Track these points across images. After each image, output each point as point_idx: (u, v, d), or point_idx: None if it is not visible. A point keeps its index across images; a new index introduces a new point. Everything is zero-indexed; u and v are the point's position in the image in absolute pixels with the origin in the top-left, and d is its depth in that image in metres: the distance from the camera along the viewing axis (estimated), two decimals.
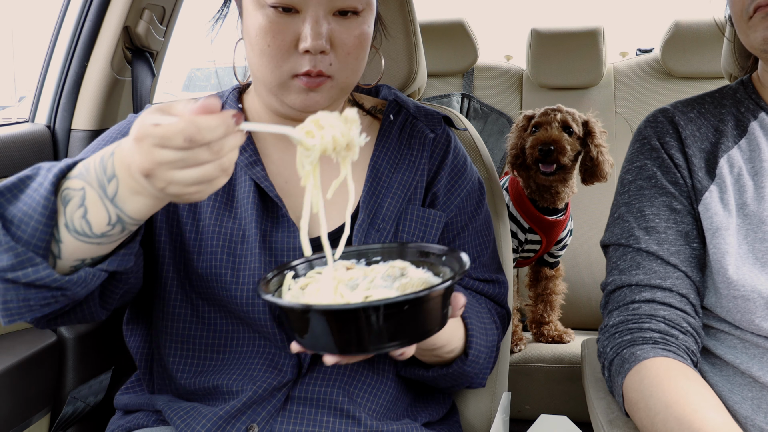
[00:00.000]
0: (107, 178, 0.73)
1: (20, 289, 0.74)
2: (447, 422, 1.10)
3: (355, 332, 0.72)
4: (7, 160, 1.29)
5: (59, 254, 0.76)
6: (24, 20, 3.28)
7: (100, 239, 0.76)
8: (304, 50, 0.88)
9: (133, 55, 1.48)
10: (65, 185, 0.76)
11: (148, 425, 0.99)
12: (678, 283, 0.97)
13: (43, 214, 0.74)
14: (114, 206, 0.73)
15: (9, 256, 0.73)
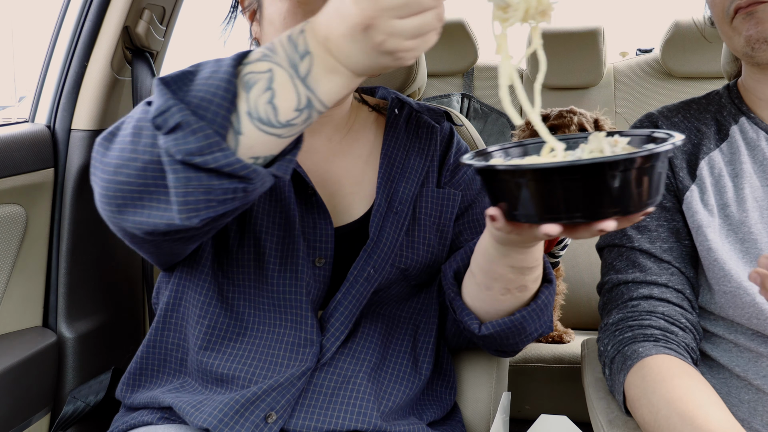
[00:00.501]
0: (299, 56, 0.68)
1: (203, 177, 0.68)
2: (450, 421, 1.11)
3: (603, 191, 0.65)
4: (7, 160, 1.29)
5: (236, 149, 0.70)
6: (24, 20, 3.28)
7: (281, 129, 0.70)
8: None
9: (133, 55, 1.48)
10: (246, 70, 0.70)
11: (153, 423, 0.99)
12: (673, 279, 0.98)
13: (225, 97, 0.68)
14: (305, 87, 0.69)
15: (197, 138, 0.67)
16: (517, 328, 0.97)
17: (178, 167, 0.68)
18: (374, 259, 1.00)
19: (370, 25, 0.64)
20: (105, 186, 0.75)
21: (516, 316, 0.96)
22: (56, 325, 1.43)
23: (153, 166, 0.71)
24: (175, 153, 0.67)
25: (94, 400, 1.42)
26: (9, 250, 1.33)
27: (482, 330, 0.98)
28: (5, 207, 1.30)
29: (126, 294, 1.59)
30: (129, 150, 0.72)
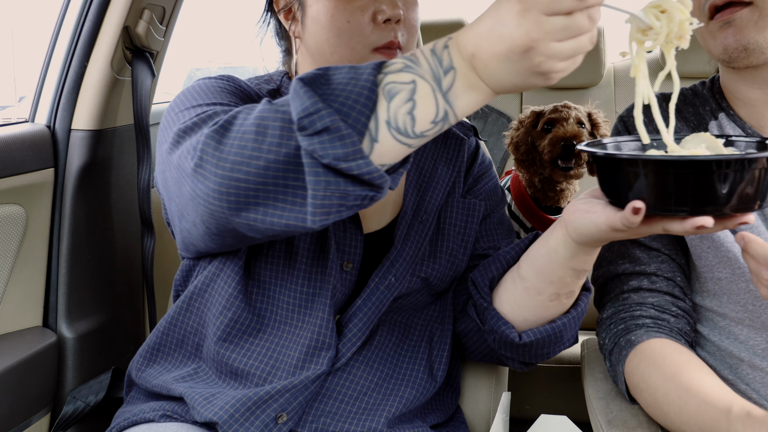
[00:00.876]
0: (443, 70, 0.70)
1: (341, 183, 0.69)
2: (453, 422, 1.12)
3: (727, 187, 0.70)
4: (7, 160, 1.29)
5: (369, 155, 0.72)
6: (24, 20, 3.28)
7: (413, 140, 0.72)
8: (385, 20, 0.93)
9: (133, 55, 1.48)
10: (388, 79, 0.71)
11: (155, 420, 0.99)
12: (663, 267, 1.00)
13: (366, 105, 0.69)
14: (445, 101, 0.71)
15: (344, 144, 0.68)
16: (557, 336, 0.98)
17: (320, 170, 0.69)
18: (396, 268, 1.01)
19: (531, 48, 0.65)
20: (221, 182, 0.74)
21: (557, 323, 0.97)
22: (56, 325, 1.43)
23: (276, 165, 0.71)
24: (323, 156, 0.68)
25: (94, 400, 1.42)
26: (9, 250, 1.33)
27: (523, 338, 0.98)
28: (5, 207, 1.30)
29: (126, 294, 1.59)
30: (251, 147, 0.72)
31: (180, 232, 0.93)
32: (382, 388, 1.00)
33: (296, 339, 0.97)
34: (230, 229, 0.80)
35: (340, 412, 0.96)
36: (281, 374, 0.95)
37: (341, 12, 0.93)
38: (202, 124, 0.82)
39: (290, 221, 0.74)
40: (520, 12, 0.65)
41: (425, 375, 1.05)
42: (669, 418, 0.88)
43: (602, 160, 0.78)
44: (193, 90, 0.94)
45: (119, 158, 1.52)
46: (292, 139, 0.71)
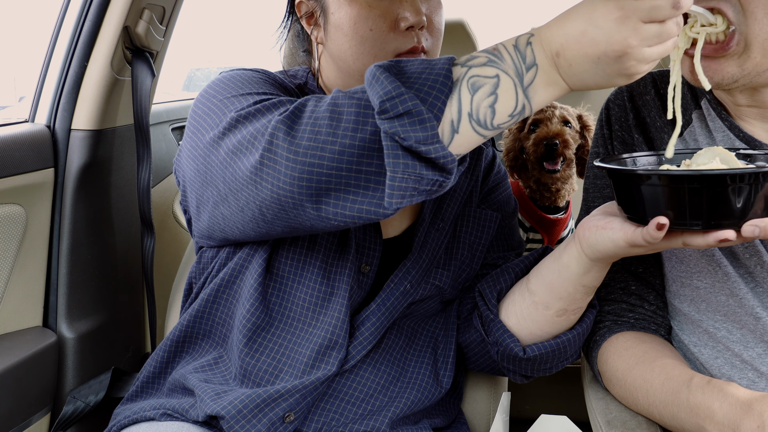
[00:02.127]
0: (526, 67, 0.73)
1: (418, 166, 0.71)
2: (455, 424, 1.12)
3: None
4: (7, 160, 1.29)
5: (448, 145, 0.74)
6: (24, 20, 3.27)
7: (489, 131, 0.75)
8: (407, 27, 0.93)
9: (133, 55, 1.48)
10: (472, 72, 0.75)
11: (155, 418, 0.99)
12: (617, 276, 1.01)
13: (442, 91, 0.72)
14: (525, 96, 0.74)
15: (424, 128, 0.70)
16: (561, 351, 0.99)
17: (399, 153, 0.71)
18: (412, 274, 1.01)
19: (626, 53, 0.68)
20: (293, 168, 0.75)
21: (562, 338, 0.98)
22: (56, 325, 1.43)
23: (352, 150, 0.73)
24: (405, 139, 0.70)
25: (94, 400, 1.42)
26: (9, 250, 1.33)
27: (527, 352, 0.99)
28: (5, 207, 1.30)
29: (126, 294, 1.59)
30: (325, 133, 0.74)
31: (211, 218, 0.92)
32: (388, 391, 1.00)
33: (309, 337, 0.96)
34: (287, 218, 0.81)
35: (345, 413, 0.96)
36: (292, 372, 0.95)
37: (364, 20, 0.93)
38: (266, 112, 0.82)
39: (364, 207, 0.75)
40: (619, 19, 0.67)
41: (431, 380, 1.05)
42: (639, 403, 0.91)
43: (620, 176, 0.78)
44: (234, 79, 0.94)
45: (119, 158, 1.52)
46: (368, 125, 0.73)
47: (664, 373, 0.88)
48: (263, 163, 0.78)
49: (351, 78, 0.99)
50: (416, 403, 1.02)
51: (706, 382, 0.81)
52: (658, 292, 1.01)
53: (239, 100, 0.87)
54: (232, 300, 1.01)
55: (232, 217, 0.88)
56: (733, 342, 0.91)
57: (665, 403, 0.86)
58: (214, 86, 0.94)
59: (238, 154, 0.82)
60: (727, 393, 0.78)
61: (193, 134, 0.91)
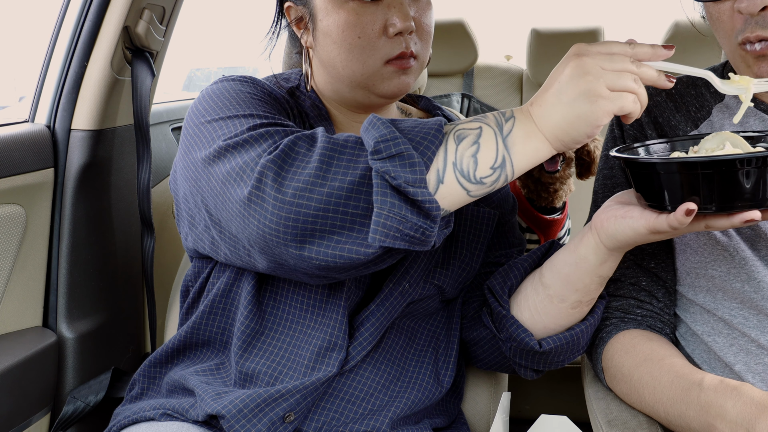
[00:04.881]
0: (505, 119, 0.78)
1: (404, 208, 0.74)
2: (455, 424, 1.12)
3: None
4: (7, 160, 1.29)
5: (433, 193, 0.77)
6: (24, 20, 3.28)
7: (473, 185, 0.77)
8: (396, 33, 0.92)
9: (133, 55, 1.48)
10: (459, 127, 0.79)
11: (155, 418, 0.99)
12: (627, 272, 1.02)
13: (434, 142, 0.75)
14: (504, 146, 0.77)
15: (413, 171, 0.73)
16: (575, 343, 0.99)
17: (388, 191, 0.74)
18: (411, 274, 1.00)
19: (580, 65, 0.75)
20: (287, 210, 0.76)
21: (576, 330, 0.98)
22: (56, 325, 1.43)
23: (340, 193, 0.75)
24: (394, 177, 0.73)
25: (94, 400, 1.42)
26: (9, 250, 1.33)
27: (543, 346, 0.99)
28: (5, 207, 1.30)
29: (126, 294, 1.59)
30: (314, 176, 0.76)
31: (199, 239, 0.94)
32: (388, 390, 1.00)
33: (308, 339, 0.96)
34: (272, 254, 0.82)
35: (346, 412, 0.96)
36: (292, 374, 0.95)
37: (352, 27, 0.92)
38: (254, 144, 0.83)
39: (347, 246, 0.76)
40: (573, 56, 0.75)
41: (431, 379, 1.05)
42: (644, 400, 0.91)
43: (640, 166, 0.79)
44: (223, 95, 0.94)
45: (119, 158, 1.52)
46: (359, 165, 0.76)
47: (673, 371, 0.88)
48: (251, 200, 0.79)
49: (341, 83, 0.99)
50: (416, 402, 1.02)
51: (718, 382, 0.81)
52: (668, 289, 1.02)
53: (227, 125, 0.87)
54: (230, 308, 1.01)
55: (221, 243, 0.90)
56: (749, 328, 0.91)
57: (673, 400, 0.86)
58: (203, 102, 0.94)
59: (227, 185, 0.83)
60: (742, 392, 0.78)
61: (185, 154, 0.92)
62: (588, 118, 0.74)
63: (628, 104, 0.74)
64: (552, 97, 0.75)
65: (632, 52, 0.75)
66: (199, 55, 6.23)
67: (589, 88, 0.73)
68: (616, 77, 0.73)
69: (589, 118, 0.74)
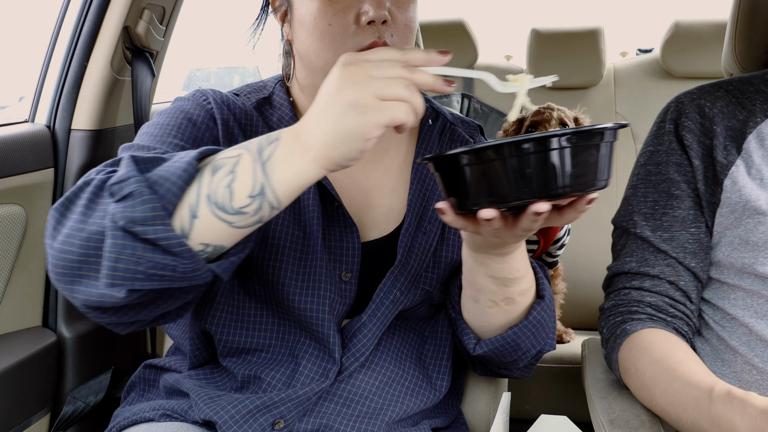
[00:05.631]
0: (268, 142, 0.72)
1: (138, 248, 0.69)
2: (454, 424, 1.11)
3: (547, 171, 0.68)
4: (7, 160, 1.29)
5: (189, 233, 0.71)
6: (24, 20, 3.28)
7: (233, 216, 0.72)
8: (368, 21, 0.88)
9: (133, 55, 1.48)
10: (219, 156, 0.73)
11: (155, 419, 0.99)
12: (667, 270, 1.02)
13: (181, 176, 0.71)
14: (263, 172, 0.71)
15: (144, 209, 0.69)
16: (512, 346, 0.97)
17: (117, 233, 0.69)
18: (401, 281, 0.99)
19: (345, 76, 0.69)
20: (55, 256, 0.73)
21: (508, 332, 0.96)
22: (56, 325, 1.43)
23: (97, 236, 0.70)
24: (119, 219, 0.68)
25: (94, 401, 1.42)
26: (9, 250, 1.33)
27: (476, 350, 0.98)
28: (5, 207, 1.30)
29: None
30: (79, 220, 0.72)
31: None
32: (384, 393, 0.99)
33: (302, 347, 0.96)
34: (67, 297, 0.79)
35: (340, 417, 0.96)
36: (287, 380, 0.94)
37: (323, 15, 0.89)
38: (78, 191, 0.78)
39: (99, 290, 0.72)
40: (340, 66, 0.70)
41: (425, 384, 1.04)
42: (655, 399, 0.92)
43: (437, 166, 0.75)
44: (154, 122, 0.93)
45: None
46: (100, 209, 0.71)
47: (686, 376, 0.88)
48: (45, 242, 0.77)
49: (317, 75, 0.94)
50: (412, 407, 1.01)
51: (725, 393, 0.81)
52: (699, 291, 1.03)
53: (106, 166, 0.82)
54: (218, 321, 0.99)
55: None
56: None
57: (684, 407, 0.87)
58: (144, 126, 0.94)
59: None
60: (749, 404, 0.79)
61: None
62: (356, 132, 0.67)
63: (400, 114, 0.68)
64: (319, 113, 0.69)
65: (404, 58, 0.70)
66: (199, 55, 6.23)
67: (356, 99, 0.67)
68: (385, 85, 0.67)
69: (357, 132, 0.67)
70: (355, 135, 0.68)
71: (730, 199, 0.99)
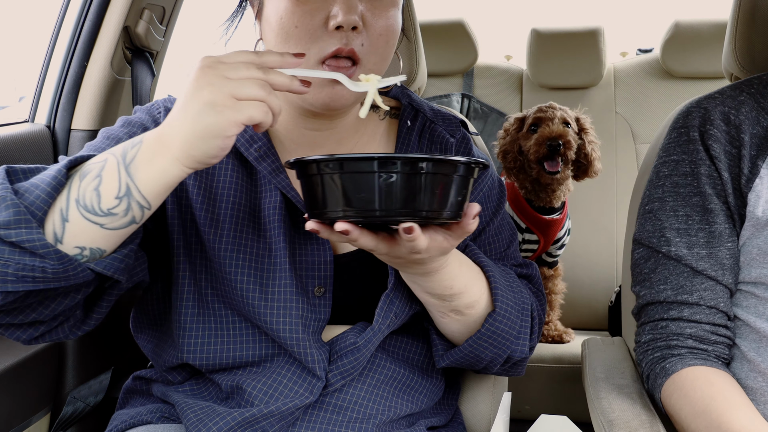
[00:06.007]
0: (132, 145, 0.75)
1: (4, 250, 0.72)
2: (452, 423, 1.10)
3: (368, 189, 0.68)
4: (7, 160, 1.29)
5: (62, 237, 0.74)
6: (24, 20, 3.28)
7: (103, 218, 0.74)
8: (336, 26, 0.83)
9: (133, 55, 1.48)
10: (88, 162, 0.76)
11: (152, 422, 0.98)
12: (706, 295, 0.96)
13: (50, 184, 0.74)
14: (127, 174, 0.73)
15: (8, 213, 0.71)
16: (473, 357, 0.96)
17: None
18: (396, 305, 0.95)
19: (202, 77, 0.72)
20: None
21: (465, 345, 0.95)
22: None
23: None
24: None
25: (94, 401, 1.42)
26: None
27: (440, 363, 0.98)
28: None
29: (126, 293, 1.59)
30: None
31: None
32: (376, 396, 0.97)
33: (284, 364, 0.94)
34: None
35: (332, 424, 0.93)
36: (273, 393, 0.92)
37: (290, 15, 0.84)
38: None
39: None
40: (197, 69, 0.72)
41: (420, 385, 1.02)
42: None
43: None
44: (104, 133, 0.96)
45: None
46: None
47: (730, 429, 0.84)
48: None
49: None
50: (406, 408, 0.99)
51: None
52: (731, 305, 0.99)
53: None
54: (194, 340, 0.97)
55: None
56: None
57: None
58: None
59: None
60: None
61: None
62: (215, 130, 0.70)
63: (257, 114, 0.71)
64: (178, 113, 0.72)
65: (259, 60, 0.72)
66: (198, 55, 6.19)
67: (212, 99, 0.69)
68: (240, 85, 0.70)
69: (216, 130, 0.70)
70: (213, 133, 0.70)
71: (753, 213, 0.95)
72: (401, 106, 1.05)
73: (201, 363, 0.95)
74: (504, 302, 0.94)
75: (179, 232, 0.94)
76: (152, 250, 0.96)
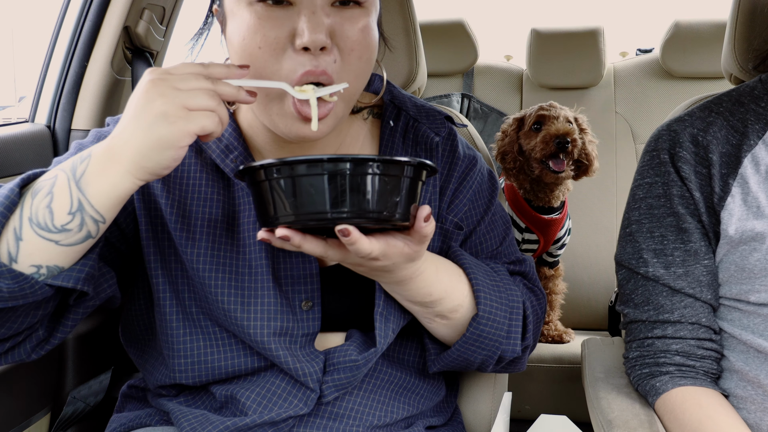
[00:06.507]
0: (80, 159, 0.74)
1: None
2: (451, 422, 1.10)
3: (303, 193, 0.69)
4: (7, 160, 1.29)
5: (16, 256, 0.74)
6: (24, 20, 3.26)
7: (57, 234, 0.73)
8: (302, 47, 0.78)
9: (133, 55, 1.49)
10: (39, 179, 0.76)
11: (151, 424, 0.98)
12: (686, 312, 0.98)
13: (3, 203, 0.73)
14: (78, 189, 0.73)
15: None
16: (463, 360, 0.95)
17: None
18: (392, 321, 0.93)
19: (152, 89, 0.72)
20: None
21: (453, 350, 0.94)
22: None
23: None
24: None
25: (94, 401, 1.42)
26: None
27: (432, 368, 0.97)
28: None
29: (126, 293, 1.59)
30: None
31: None
32: (375, 402, 0.96)
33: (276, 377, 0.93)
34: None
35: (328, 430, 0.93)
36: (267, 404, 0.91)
37: (253, 35, 0.79)
38: None
39: None
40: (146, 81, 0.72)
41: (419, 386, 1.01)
42: None
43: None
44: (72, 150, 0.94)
45: None
46: None
47: None
48: None
49: (246, 108, 0.94)
50: (404, 411, 0.99)
51: None
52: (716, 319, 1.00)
53: None
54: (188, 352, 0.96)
55: None
56: None
57: None
58: None
59: None
60: None
61: None
62: (169, 140, 0.70)
63: (209, 123, 0.71)
64: (129, 125, 0.72)
65: (206, 72, 0.73)
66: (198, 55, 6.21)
67: (165, 110, 0.70)
68: (191, 96, 0.71)
69: (169, 140, 0.70)
70: (167, 144, 0.70)
71: (726, 232, 0.96)
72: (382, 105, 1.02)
73: (195, 381, 0.94)
74: (488, 304, 0.91)
75: (155, 253, 0.92)
76: (125, 269, 0.95)
